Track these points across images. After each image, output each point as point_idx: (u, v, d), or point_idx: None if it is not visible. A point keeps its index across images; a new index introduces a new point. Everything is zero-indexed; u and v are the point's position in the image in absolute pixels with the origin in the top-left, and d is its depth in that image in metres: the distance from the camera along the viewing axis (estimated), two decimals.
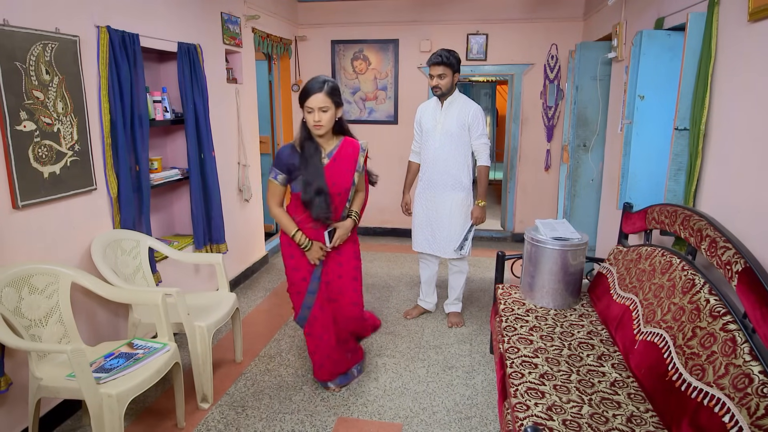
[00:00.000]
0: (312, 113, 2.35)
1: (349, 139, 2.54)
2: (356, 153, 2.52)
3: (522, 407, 1.87)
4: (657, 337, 2.01)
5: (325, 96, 2.33)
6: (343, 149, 2.50)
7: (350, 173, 2.50)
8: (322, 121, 2.35)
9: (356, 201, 2.66)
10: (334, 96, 2.36)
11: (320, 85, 2.33)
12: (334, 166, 2.46)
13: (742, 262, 1.72)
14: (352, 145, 2.53)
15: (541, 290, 2.80)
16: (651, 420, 1.80)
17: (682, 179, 2.58)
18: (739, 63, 2.14)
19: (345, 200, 2.54)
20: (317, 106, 2.33)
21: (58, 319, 2.32)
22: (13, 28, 2.16)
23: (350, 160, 2.50)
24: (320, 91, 2.32)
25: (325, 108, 2.35)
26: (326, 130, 2.40)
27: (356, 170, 2.51)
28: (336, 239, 2.55)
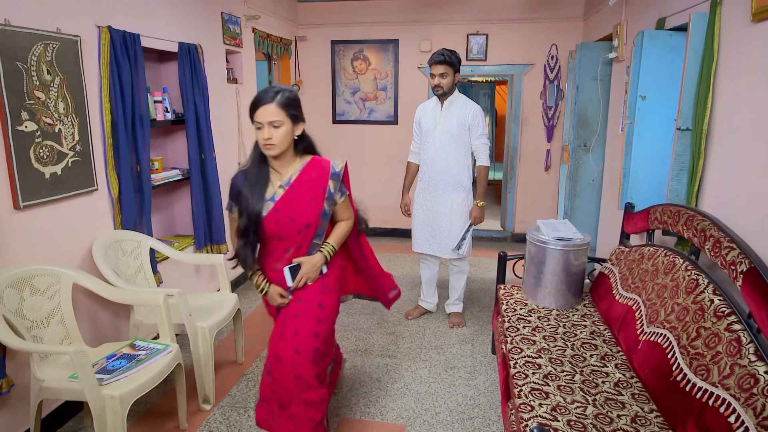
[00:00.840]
0: (261, 129, 1.91)
1: (317, 159, 2.08)
2: (324, 177, 2.03)
3: (526, 408, 1.87)
4: (661, 337, 2.01)
5: (278, 108, 1.89)
6: (305, 174, 2.02)
7: (316, 204, 2.02)
8: (274, 138, 1.90)
9: (336, 232, 2.16)
10: (289, 108, 1.92)
11: (272, 94, 1.91)
12: (292, 196, 1.99)
13: (746, 262, 1.72)
14: (318, 167, 2.05)
15: (544, 290, 2.80)
16: (656, 420, 1.80)
17: (684, 179, 2.58)
18: (742, 63, 2.14)
19: (311, 236, 2.05)
20: (267, 120, 1.89)
21: (60, 320, 2.31)
22: (15, 27, 2.15)
23: (315, 187, 2.02)
24: (271, 102, 1.89)
25: (277, 123, 1.89)
26: (280, 150, 1.94)
27: (326, 197, 2.04)
28: (300, 278, 2.05)
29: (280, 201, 1.99)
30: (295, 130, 1.99)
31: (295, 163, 2.05)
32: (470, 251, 3.52)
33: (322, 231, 2.08)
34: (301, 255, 2.07)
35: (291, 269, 2.05)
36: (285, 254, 2.04)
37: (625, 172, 3.06)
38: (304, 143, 2.06)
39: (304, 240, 2.05)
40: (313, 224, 2.03)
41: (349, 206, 2.19)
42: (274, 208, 1.97)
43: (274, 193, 2.00)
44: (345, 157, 6.37)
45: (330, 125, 5.80)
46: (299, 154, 2.06)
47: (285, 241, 2.02)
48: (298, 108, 1.99)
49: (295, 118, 1.96)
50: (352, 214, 2.22)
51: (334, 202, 2.08)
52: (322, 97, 5.73)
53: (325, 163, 2.08)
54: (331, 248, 2.12)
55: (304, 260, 2.06)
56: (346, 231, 2.18)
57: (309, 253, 2.08)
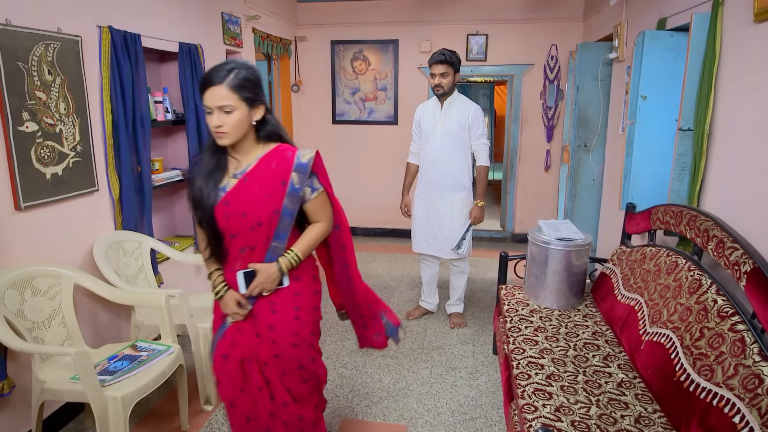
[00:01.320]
0: (211, 115, 1.63)
1: (281, 148, 1.75)
2: (286, 169, 1.71)
3: (530, 408, 1.87)
4: (663, 337, 2.01)
5: (229, 90, 1.60)
6: (263, 164, 1.72)
7: (272, 200, 1.70)
8: (225, 126, 1.62)
9: (304, 237, 1.79)
10: (244, 90, 1.62)
11: (223, 74, 1.60)
12: (244, 188, 1.70)
13: (750, 263, 1.72)
14: (279, 156, 1.72)
15: (545, 291, 2.80)
16: (659, 421, 1.80)
17: (686, 180, 2.58)
18: (745, 63, 2.14)
19: (268, 235, 1.73)
20: (215, 104, 1.60)
21: (61, 321, 2.30)
22: (16, 28, 2.14)
23: (272, 179, 1.70)
24: (221, 83, 1.59)
25: (228, 107, 1.61)
26: (233, 139, 1.66)
27: (288, 193, 1.70)
28: (254, 287, 1.73)
29: (231, 192, 1.70)
30: (252, 114, 1.67)
31: (255, 151, 1.74)
32: (470, 251, 3.52)
33: (284, 232, 1.74)
34: (257, 258, 1.75)
35: (245, 274, 1.73)
36: (240, 254, 1.75)
37: (626, 172, 3.06)
38: (266, 129, 1.74)
39: (258, 241, 1.74)
40: (265, 223, 1.71)
41: (326, 205, 1.82)
42: (224, 199, 1.69)
43: (227, 183, 1.72)
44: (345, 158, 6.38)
45: (330, 125, 5.79)
46: (263, 142, 1.76)
47: (238, 238, 1.74)
48: (257, 89, 1.67)
49: (251, 101, 1.65)
50: (329, 215, 1.83)
51: (301, 198, 1.73)
52: (321, 97, 5.72)
53: (289, 152, 1.73)
54: (293, 257, 1.75)
55: (261, 267, 1.73)
56: (318, 236, 1.80)
57: (267, 257, 1.74)
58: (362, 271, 4.64)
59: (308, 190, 1.75)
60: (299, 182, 1.72)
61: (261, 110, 1.70)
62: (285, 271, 1.75)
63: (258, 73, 1.69)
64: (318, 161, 1.77)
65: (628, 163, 3.04)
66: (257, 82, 1.68)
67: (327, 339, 3.38)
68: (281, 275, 1.75)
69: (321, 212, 1.81)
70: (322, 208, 1.81)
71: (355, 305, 2.04)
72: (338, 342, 3.35)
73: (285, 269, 1.75)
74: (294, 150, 1.75)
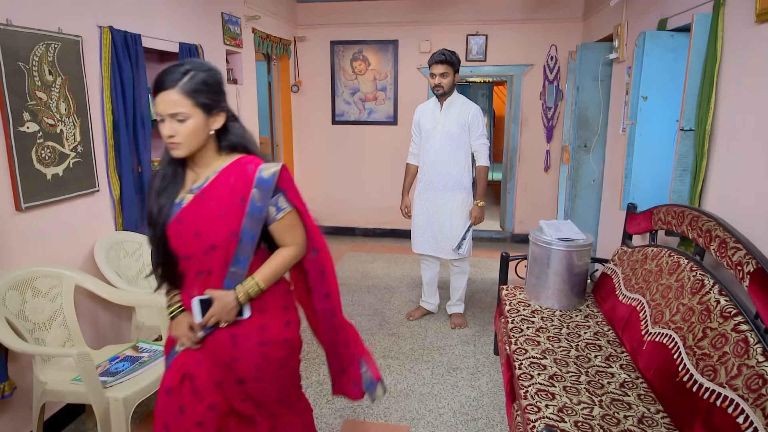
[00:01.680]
0: (163, 122, 1.44)
1: (244, 161, 1.53)
2: (245, 184, 1.49)
3: (533, 409, 1.87)
4: (666, 337, 2.01)
5: (182, 95, 1.41)
6: (222, 178, 1.51)
7: (228, 219, 1.49)
8: (178, 136, 1.42)
9: (269, 264, 1.57)
10: (200, 95, 1.43)
11: (177, 76, 1.41)
12: (199, 204, 1.51)
13: (753, 263, 1.73)
14: (239, 170, 1.51)
15: (547, 291, 2.80)
16: (662, 421, 1.80)
17: (687, 180, 2.58)
18: (746, 64, 2.15)
19: (225, 259, 1.52)
20: (167, 111, 1.41)
21: (62, 322, 2.30)
22: (17, 28, 2.14)
23: (229, 196, 1.50)
24: (173, 87, 1.40)
25: (182, 115, 1.41)
26: (188, 150, 1.46)
27: (248, 212, 1.49)
28: (209, 316, 1.52)
29: (185, 209, 1.51)
30: (211, 123, 1.48)
31: (215, 164, 1.54)
32: (471, 251, 3.52)
33: (244, 257, 1.52)
34: (215, 283, 1.54)
35: (202, 302, 1.53)
36: (197, 278, 1.55)
37: (627, 172, 3.07)
38: (228, 139, 1.54)
39: (215, 265, 1.53)
40: (220, 246, 1.50)
41: (296, 227, 1.58)
42: (178, 217, 1.51)
43: (182, 199, 1.53)
44: (345, 158, 6.37)
45: (329, 126, 5.79)
46: (225, 153, 1.55)
47: (192, 261, 1.54)
48: (216, 94, 1.48)
49: (208, 107, 1.45)
50: (299, 239, 1.59)
51: (262, 219, 1.51)
52: (321, 97, 5.72)
53: (250, 165, 1.51)
54: (253, 287, 1.53)
55: (217, 296, 1.52)
56: (286, 262, 1.58)
57: (226, 284, 1.53)
58: (362, 271, 4.70)
59: (273, 210, 1.53)
60: (261, 200, 1.49)
61: (221, 118, 1.50)
62: (243, 302, 1.53)
63: (219, 76, 1.51)
64: (284, 177, 1.54)
65: (629, 164, 3.04)
66: (217, 85, 1.49)
67: None
68: (239, 305, 1.54)
69: (289, 235, 1.58)
70: (291, 230, 1.58)
71: (335, 343, 1.80)
72: None
73: (242, 299, 1.52)
74: (257, 163, 1.52)
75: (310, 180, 5.93)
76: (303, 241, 1.61)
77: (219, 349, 1.57)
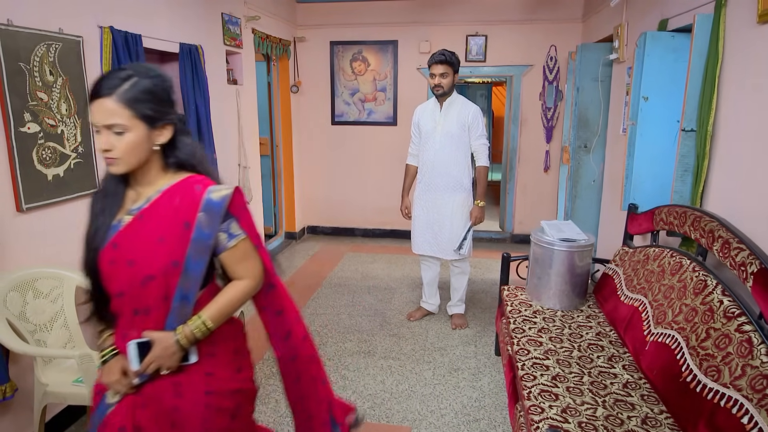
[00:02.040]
0: (99, 134, 1.26)
1: (191, 181, 1.34)
2: (191, 207, 1.31)
3: (536, 410, 1.86)
4: (669, 338, 2.01)
5: (120, 104, 1.22)
6: (164, 199, 1.33)
7: (167, 246, 1.30)
8: (116, 150, 1.25)
9: (219, 300, 1.38)
10: (141, 105, 1.25)
11: (115, 82, 1.23)
12: (137, 228, 1.32)
13: (757, 263, 1.73)
14: (184, 191, 1.33)
15: (548, 292, 2.80)
16: (666, 422, 1.80)
17: (688, 180, 2.58)
18: (748, 65, 2.15)
19: (164, 294, 1.32)
20: (102, 122, 1.23)
21: (63, 323, 2.29)
22: (18, 28, 2.13)
23: (173, 218, 1.31)
24: (110, 94, 1.22)
25: (119, 127, 1.23)
26: (127, 167, 1.29)
27: (193, 238, 1.30)
28: (149, 362, 1.31)
29: (122, 233, 1.32)
30: (155, 137, 1.30)
31: (159, 182, 1.35)
32: (471, 252, 3.52)
33: (189, 291, 1.32)
34: (153, 324, 1.33)
35: (139, 345, 1.31)
36: (134, 317, 1.34)
37: (628, 173, 3.07)
38: (176, 156, 1.36)
39: (151, 301, 1.32)
40: (158, 276, 1.30)
41: (250, 258, 1.40)
42: (113, 241, 1.31)
43: (120, 221, 1.34)
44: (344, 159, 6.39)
45: (329, 126, 5.78)
46: (172, 170, 1.37)
47: (127, 297, 1.32)
48: (162, 104, 1.29)
49: (151, 119, 1.27)
50: (254, 271, 1.41)
51: (210, 247, 1.32)
52: (321, 98, 5.72)
53: (198, 186, 1.32)
54: (198, 327, 1.33)
55: (158, 338, 1.31)
56: (238, 297, 1.39)
57: (169, 324, 1.33)
58: (362, 272, 4.70)
59: (223, 237, 1.34)
60: (208, 226, 1.31)
61: (167, 131, 1.32)
62: (185, 345, 1.32)
63: (167, 84, 1.32)
64: (237, 201, 1.36)
65: (630, 164, 3.04)
66: (163, 94, 1.30)
67: (328, 341, 3.38)
68: (183, 350, 1.33)
69: (242, 266, 1.39)
70: (244, 260, 1.39)
71: (298, 388, 1.59)
72: (339, 344, 3.34)
73: (185, 342, 1.32)
74: (206, 184, 1.33)
75: (310, 181, 5.93)
76: (259, 273, 1.42)
77: (159, 400, 1.36)
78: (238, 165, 4.20)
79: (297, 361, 1.56)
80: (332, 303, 4.01)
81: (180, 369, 1.36)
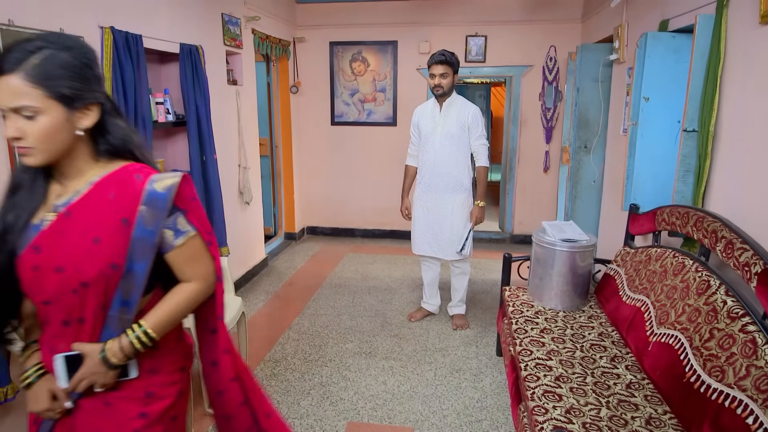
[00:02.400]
0: (6, 119, 1.07)
1: (130, 169, 1.17)
2: (131, 201, 1.14)
3: (540, 410, 1.86)
4: (672, 338, 2.01)
5: (28, 82, 1.03)
6: (97, 192, 1.14)
7: (108, 244, 1.12)
8: (27, 138, 1.06)
9: (163, 304, 1.21)
10: (55, 82, 1.05)
11: (20, 55, 1.03)
12: (63, 228, 1.13)
13: (761, 264, 1.73)
14: (121, 182, 1.15)
15: (550, 292, 2.79)
16: (670, 422, 1.80)
17: (690, 181, 2.59)
18: (750, 65, 2.15)
19: (102, 302, 1.15)
20: (8, 104, 1.04)
21: None
22: (19, 28, 2.12)
23: (109, 214, 1.13)
24: (15, 70, 1.03)
25: (29, 109, 1.04)
26: (46, 157, 1.10)
27: (134, 237, 1.13)
28: (79, 379, 1.15)
29: (45, 233, 1.12)
30: (77, 120, 1.11)
31: (89, 173, 1.16)
32: (471, 252, 3.52)
33: (131, 297, 1.15)
34: (87, 335, 1.16)
35: (67, 359, 1.15)
36: (64, 328, 1.16)
37: (629, 173, 3.07)
38: (108, 141, 1.17)
39: (87, 311, 1.14)
40: (93, 283, 1.12)
41: (201, 257, 1.24)
42: (33, 244, 1.12)
43: (42, 220, 1.14)
44: (344, 159, 6.39)
45: (328, 127, 5.78)
46: (105, 159, 1.18)
47: (56, 306, 1.14)
48: (83, 80, 1.09)
49: (69, 99, 1.07)
50: (205, 272, 1.25)
51: (155, 246, 1.15)
52: (320, 98, 5.71)
53: (138, 175, 1.15)
54: (138, 337, 1.16)
55: (89, 351, 1.14)
56: (187, 302, 1.23)
57: (106, 334, 1.16)
58: (362, 273, 4.69)
59: (170, 234, 1.18)
60: (152, 222, 1.13)
61: (93, 113, 1.13)
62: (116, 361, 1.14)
63: (89, 55, 1.12)
64: (185, 192, 1.19)
65: (631, 164, 3.05)
66: (84, 69, 1.09)
67: (329, 342, 3.37)
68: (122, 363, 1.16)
69: (192, 266, 1.22)
70: (194, 260, 1.22)
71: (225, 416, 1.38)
72: (341, 344, 3.33)
73: (117, 358, 1.14)
74: (147, 173, 1.16)
75: (310, 181, 5.92)
76: (211, 274, 1.26)
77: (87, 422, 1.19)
78: (238, 166, 4.19)
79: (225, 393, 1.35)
80: (333, 304, 4.00)
81: (117, 385, 1.19)
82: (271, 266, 4.94)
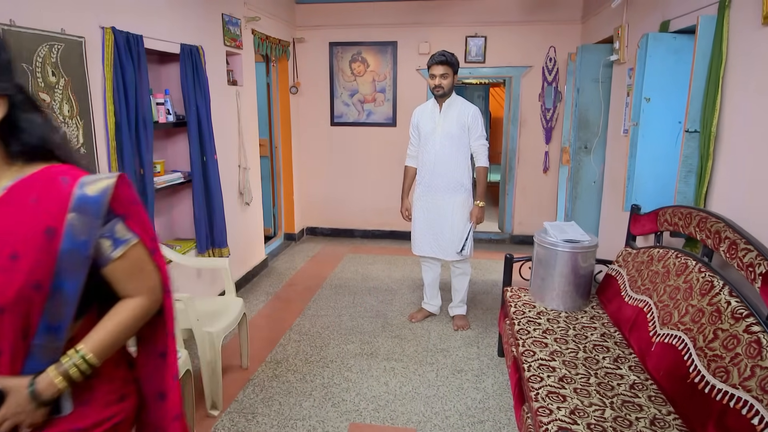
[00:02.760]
0: None
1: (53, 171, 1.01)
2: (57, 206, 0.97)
3: (545, 411, 1.86)
4: (675, 339, 2.01)
5: None
6: (13, 198, 0.98)
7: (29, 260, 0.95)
8: None
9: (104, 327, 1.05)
10: None
11: None
12: None
13: (765, 264, 1.73)
14: (44, 187, 0.99)
15: (552, 293, 2.79)
16: (675, 423, 1.80)
17: (692, 181, 2.59)
18: (752, 66, 2.15)
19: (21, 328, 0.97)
20: None
21: None
22: (20, 28, 2.11)
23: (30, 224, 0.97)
24: None
25: None
26: None
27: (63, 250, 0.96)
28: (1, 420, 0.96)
29: None
30: None
31: (3, 178, 1.00)
32: (472, 252, 3.51)
33: (60, 321, 0.98)
34: (6, 369, 0.98)
35: None
36: None
37: (630, 173, 3.07)
38: (23, 140, 1.00)
39: (3, 339, 0.97)
40: (10, 308, 0.95)
41: (144, 268, 1.09)
42: None
43: None
44: (344, 160, 6.39)
45: (328, 127, 5.77)
46: (21, 162, 1.01)
47: None
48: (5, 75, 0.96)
49: None
50: (151, 284, 1.10)
51: (88, 259, 0.99)
52: (320, 99, 5.70)
53: (64, 178, 1.00)
54: (76, 366, 0.99)
55: (13, 387, 0.96)
56: (131, 322, 1.07)
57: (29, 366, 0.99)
58: (363, 273, 4.70)
59: (107, 245, 1.02)
60: (84, 231, 0.97)
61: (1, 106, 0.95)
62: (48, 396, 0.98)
63: None
64: (123, 194, 1.04)
65: (632, 165, 3.05)
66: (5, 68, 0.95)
67: (330, 342, 3.36)
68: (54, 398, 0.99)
69: (135, 281, 1.07)
70: (137, 273, 1.07)
71: None
72: (342, 345, 3.33)
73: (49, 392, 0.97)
74: (75, 175, 1.01)
75: (309, 182, 5.91)
76: (157, 287, 1.10)
77: None
78: (238, 166, 4.19)
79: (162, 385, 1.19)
80: (333, 304, 4.00)
81: (49, 423, 1.01)
82: (271, 267, 4.93)
